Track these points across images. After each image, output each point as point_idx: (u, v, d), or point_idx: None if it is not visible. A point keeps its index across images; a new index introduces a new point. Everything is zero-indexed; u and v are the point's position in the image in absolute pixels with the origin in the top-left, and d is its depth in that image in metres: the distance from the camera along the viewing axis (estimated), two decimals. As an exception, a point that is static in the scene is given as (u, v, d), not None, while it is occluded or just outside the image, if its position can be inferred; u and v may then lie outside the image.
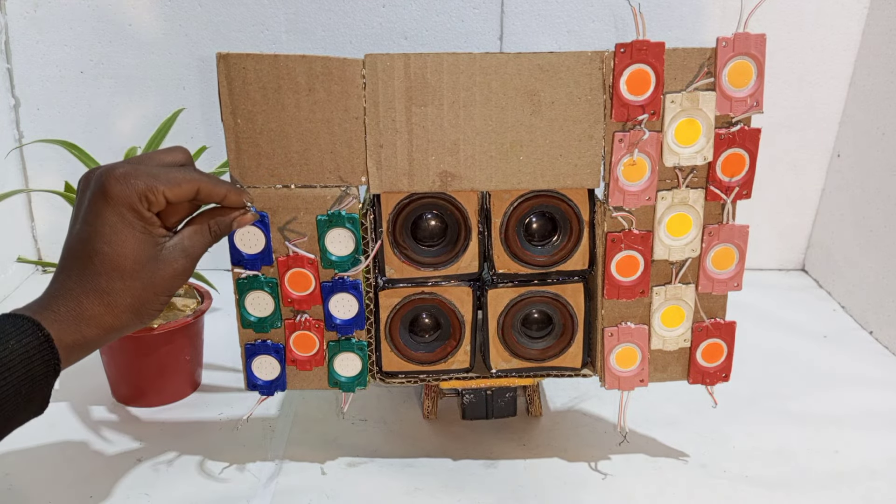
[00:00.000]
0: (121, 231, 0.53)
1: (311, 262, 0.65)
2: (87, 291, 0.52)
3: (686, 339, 0.70)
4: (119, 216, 0.53)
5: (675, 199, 0.65)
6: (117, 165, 0.54)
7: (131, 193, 0.53)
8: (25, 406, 0.50)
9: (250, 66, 0.60)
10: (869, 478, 0.73)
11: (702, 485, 0.71)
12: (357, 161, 0.63)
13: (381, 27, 1.07)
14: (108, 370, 0.82)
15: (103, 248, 0.52)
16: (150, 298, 0.54)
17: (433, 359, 0.71)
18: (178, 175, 0.55)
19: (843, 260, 1.12)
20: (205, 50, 1.07)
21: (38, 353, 0.49)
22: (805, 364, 0.95)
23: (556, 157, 0.63)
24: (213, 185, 0.58)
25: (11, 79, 1.08)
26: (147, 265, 0.54)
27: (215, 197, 0.58)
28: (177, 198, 0.55)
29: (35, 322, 0.49)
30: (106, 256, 0.52)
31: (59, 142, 0.79)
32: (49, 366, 0.50)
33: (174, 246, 0.56)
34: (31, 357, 0.49)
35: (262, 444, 0.76)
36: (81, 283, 0.52)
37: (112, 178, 0.53)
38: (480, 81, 0.61)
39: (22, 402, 0.49)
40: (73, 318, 0.51)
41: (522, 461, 0.74)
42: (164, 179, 0.54)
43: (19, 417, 0.50)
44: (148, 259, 0.54)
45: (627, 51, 0.61)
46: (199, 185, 0.56)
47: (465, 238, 0.67)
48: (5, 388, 0.47)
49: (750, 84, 0.63)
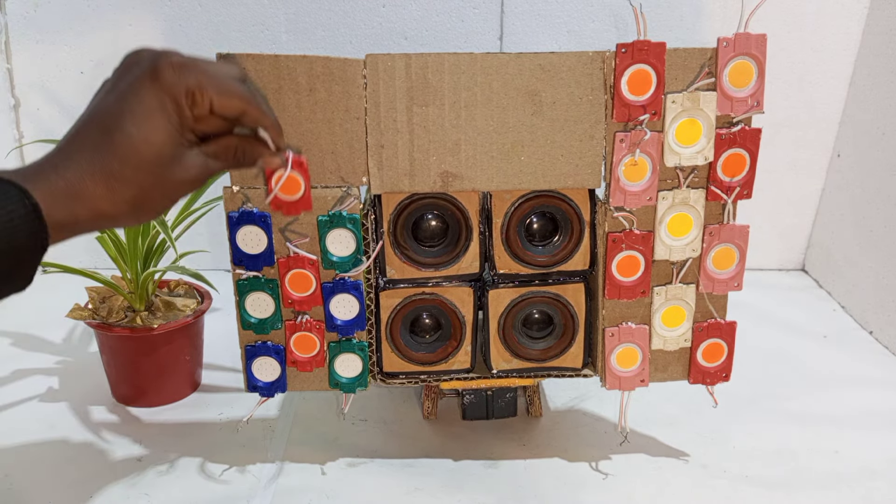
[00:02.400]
0: (155, 118, 0.48)
1: (311, 263, 0.65)
2: (95, 170, 0.47)
3: (686, 339, 0.70)
4: (159, 102, 0.48)
5: (675, 199, 0.65)
6: (174, 53, 0.49)
7: (180, 84, 0.48)
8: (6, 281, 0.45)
9: (251, 66, 0.59)
10: (869, 478, 0.73)
11: (702, 485, 0.71)
12: (358, 161, 0.63)
13: (381, 27, 1.07)
14: (108, 370, 0.82)
15: (131, 128, 0.47)
16: (155, 198, 0.50)
17: (434, 359, 0.71)
18: (232, 86, 0.51)
19: (843, 260, 1.12)
20: (205, 50, 1.07)
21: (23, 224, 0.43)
22: (805, 364, 0.95)
23: (558, 157, 0.63)
24: (261, 113, 0.53)
25: (11, 79, 1.08)
26: (165, 162, 0.49)
27: (258, 124, 0.54)
28: (222, 109, 0.51)
29: (23, 189, 0.44)
30: (130, 138, 0.47)
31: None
32: (36, 239, 0.44)
33: (195, 154, 0.51)
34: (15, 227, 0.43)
35: (262, 445, 0.76)
36: (91, 158, 0.47)
37: (167, 63, 0.48)
38: (482, 81, 0.61)
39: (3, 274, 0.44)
40: (68, 195, 0.46)
41: (522, 461, 0.74)
42: (217, 85, 0.50)
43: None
44: (168, 157, 0.49)
45: (629, 51, 0.61)
46: (248, 107, 0.52)
47: (465, 238, 0.67)
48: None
49: (751, 84, 0.63)
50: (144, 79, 0.48)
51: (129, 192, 0.48)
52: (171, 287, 0.87)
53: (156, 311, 0.81)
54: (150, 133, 0.48)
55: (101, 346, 0.81)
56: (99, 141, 0.47)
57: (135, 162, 0.48)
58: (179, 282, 0.87)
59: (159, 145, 0.48)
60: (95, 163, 0.47)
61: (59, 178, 0.46)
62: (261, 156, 0.54)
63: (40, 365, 0.90)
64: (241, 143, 0.54)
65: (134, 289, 0.79)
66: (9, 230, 0.43)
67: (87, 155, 0.47)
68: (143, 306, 0.80)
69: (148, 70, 0.48)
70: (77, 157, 0.47)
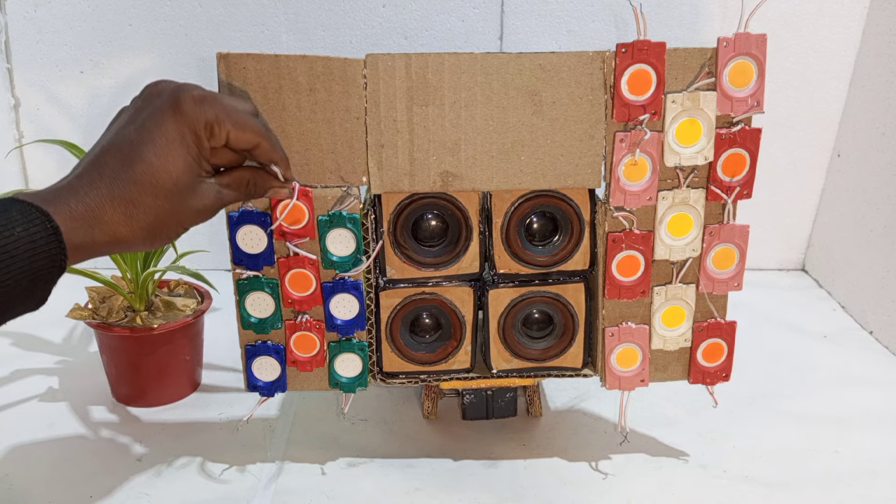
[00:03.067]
0: (175, 149, 0.51)
1: (311, 263, 0.65)
2: (115, 196, 0.49)
3: (686, 339, 0.70)
4: (179, 134, 0.51)
5: (675, 199, 0.65)
6: (194, 87, 0.53)
7: (200, 117, 0.51)
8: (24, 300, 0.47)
9: (251, 65, 0.60)
10: (869, 478, 0.73)
11: (702, 485, 0.71)
12: (358, 161, 0.63)
13: (381, 27, 1.07)
14: (108, 370, 0.82)
15: (151, 158, 0.50)
16: (171, 225, 0.52)
17: (434, 359, 0.71)
18: (247, 121, 0.54)
19: (843, 260, 1.12)
20: (205, 50, 1.07)
21: (44, 246, 0.45)
22: (805, 364, 0.95)
23: (558, 156, 0.63)
24: (272, 147, 0.57)
25: (11, 79, 1.08)
26: (182, 191, 0.51)
27: (269, 158, 0.57)
28: (237, 142, 0.54)
29: (45, 212, 0.46)
30: (150, 167, 0.50)
31: (59, 142, 0.79)
32: (55, 261, 0.46)
33: (210, 185, 0.54)
34: (37, 249, 0.45)
35: (262, 445, 0.76)
36: (112, 186, 0.49)
37: (188, 96, 0.51)
38: (482, 81, 0.61)
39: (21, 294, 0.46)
40: (88, 219, 0.48)
41: (522, 461, 0.74)
42: (234, 119, 0.53)
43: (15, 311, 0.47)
44: (185, 186, 0.52)
45: (629, 51, 0.61)
46: (261, 141, 0.55)
47: (465, 238, 0.67)
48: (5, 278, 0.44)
49: (751, 84, 0.63)
50: (166, 110, 0.51)
51: (146, 218, 0.50)
52: (171, 287, 0.87)
53: (156, 311, 0.81)
54: (170, 163, 0.50)
55: (101, 346, 0.81)
56: (119, 169, 0.49)
57: (153, 190, 0.50)
58: (179, 282, 0.87)
59: (178, 175, 0.51)
60: (115, 190, 0.49)
61: (80, 203, 0.48)
62: (270, 187, 0.58)
63: (40, 365, 0.90)
64: (253, 175, 0.57)
65: (134, 289, 0.79)
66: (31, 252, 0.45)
67: (107, 182, 0.49)
68: (143, 306, 0.80)
69: (169, 102, 0.51)
70: (97, 183, 0.49)
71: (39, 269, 0.46)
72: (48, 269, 0.46)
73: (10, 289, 0.45)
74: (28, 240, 0.45)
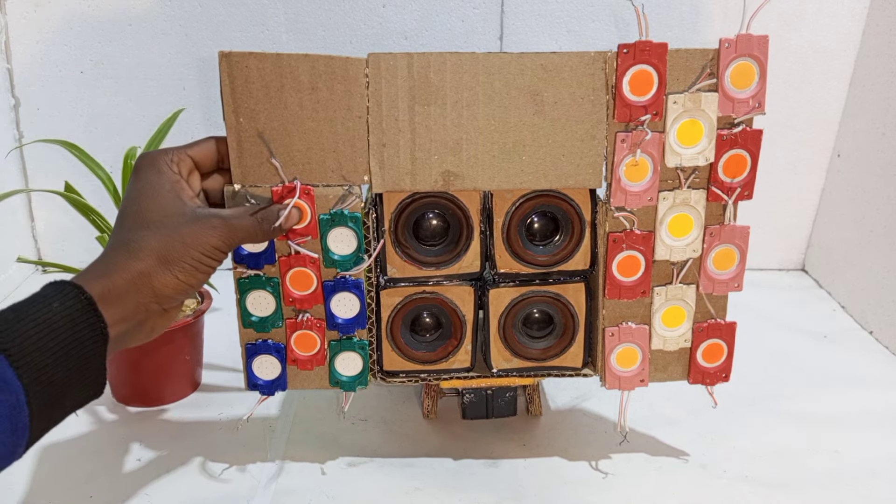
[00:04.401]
0: (147, 190, 0.56)
1: (312, 262, 0.65)
2: (114, 245, 0.54)
3: (686, 340, 0.70)
4: (146, 181, 0.56)
5: (676, 200, 0.65)
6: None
7: (158, 157, 0.57)
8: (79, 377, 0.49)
9: (253, 64, 0.59)
10: (869, 478, 0.73)
11: (702, 485, 0.71)
12: (360, 160, 0.63)
13: (381, 27, 1.07)
14: (109, 370, 0.81)
15: (132, 207, 0.55)
16: (178, 248, 0.54)
17: (434, 358, 0.71)
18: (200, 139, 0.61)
19: (843, 260, 1.13)
20: (205, 50, 1.07)
21: (82, 315, 0.48)
22: (805, 364, 0.95)
23: (559, 156, 0.63)
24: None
25: (11, 79, 1.07)
26: (174, 217, 0.55)
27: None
28: (198, 154, 0.60)
29: (76, 286, 0.49)
30: (132, 213, 0.55)
31: (59, 142, 0.79)
32: (95, 329, 0.49)
33: (210, 210, 0.57)
34: (76, 318, 0.48)
35: (262, 445, 0.76)
36: (111, 242, 0.54)
37: (143, 154, 0.58)
38: (483, 81, 0.61)
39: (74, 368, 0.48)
40: (102, 271, 0.52)
41: (523, 461, 0.74)
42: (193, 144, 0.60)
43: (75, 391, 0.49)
44: (174, 212, 0.55)
45: (630, 51, 0.61)
46: (217, 140, 0.61)
47: (466, 237, 0.67)
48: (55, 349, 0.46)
49: (752, 85, 0.63)
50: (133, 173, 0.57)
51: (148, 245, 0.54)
52: (171, 286, 0.86)
53: (156, 310, 0.81)
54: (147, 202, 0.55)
55: (102, 346, 0.80)
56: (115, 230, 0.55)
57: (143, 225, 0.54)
58: (180, 281, 0.87)
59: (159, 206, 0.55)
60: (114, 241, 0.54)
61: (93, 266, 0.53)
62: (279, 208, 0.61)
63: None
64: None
65: (134, 288, 0.79)
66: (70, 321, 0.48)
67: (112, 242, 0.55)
68: (143, 306, 0.80)
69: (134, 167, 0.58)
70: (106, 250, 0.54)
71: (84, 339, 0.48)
72: (92, 338, 0.49)
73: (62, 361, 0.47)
74: (65, 312, 0.48)
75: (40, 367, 0.46)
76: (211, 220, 0.56)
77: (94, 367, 0.50)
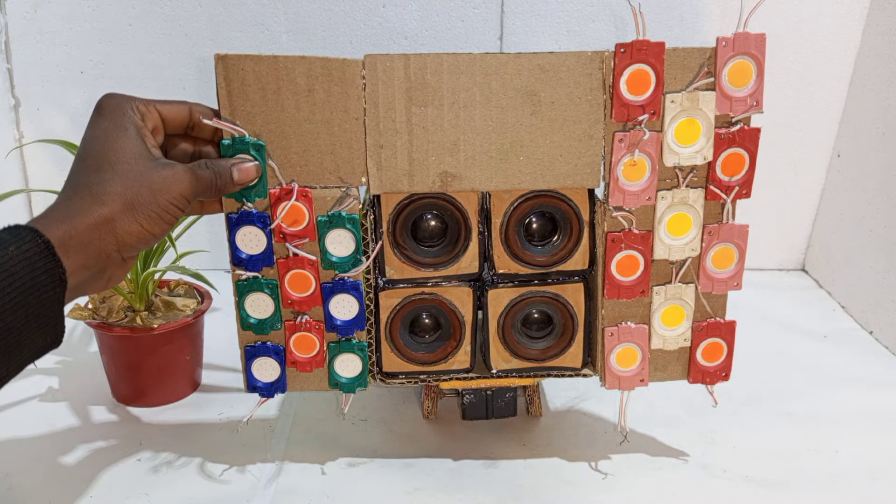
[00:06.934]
0: (111, 131, 0.53)
1: (311, 264, 0.65)
2: (76, 188, 0.51)
3: (686, 339, 0.70)
4: (111, 121, 0.54)
5: (675, 199, 0.65)
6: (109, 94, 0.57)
7: (123, 102, 0.55)
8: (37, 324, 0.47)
9: (249, 67, 0.60)
10: (869, 478, 0.73)
11: (702, 485, 0.71)
12: (357, 162, 0.63)
13: (381, 27, 1.07)
14: (108, 370, 0.82)
15: (93, 147, 0.53)
16: (145, 194, 0.53)
17: (433, 359, 0.71)
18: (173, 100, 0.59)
19: (843, 260, 1.12)
20: (205, 50, 1.07)
21: (40, 259, 0.47)
22: (805, 364, 0.94)
23: (557, 157, 0.63)
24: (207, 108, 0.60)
25: (11, 79, 1.08)
26: (140, 161, 0.53)
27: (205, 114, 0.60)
28: (169, 113, 0.58)
29: (33, 229, 0.48)
30: (95, 153, 0.53)
31: (59, 142, 0.79)
32: (53, 275, 0.47)
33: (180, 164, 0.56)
34: (34, 263, 0.46)
35: (262, 445, 0.76)
36: (71, 183, 0.52)
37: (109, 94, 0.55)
38: (480, 82, 0.61)
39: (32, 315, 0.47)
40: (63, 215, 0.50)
41: (522, 461, 0.74)
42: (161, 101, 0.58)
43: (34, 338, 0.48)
44: (139, 156, 0.53)
45: (627, 51, 0.61)
46: (191, 106, 0.59)
47: (465, 238, 0.67)
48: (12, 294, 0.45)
49: (750, 84, 0.63)
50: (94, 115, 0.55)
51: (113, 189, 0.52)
52: (171, 287, 0.87)
53: (156, 311, 0.81)
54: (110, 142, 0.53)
55: (101, 346, 0.81)
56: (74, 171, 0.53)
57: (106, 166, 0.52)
58: (179, 282, 0.87)
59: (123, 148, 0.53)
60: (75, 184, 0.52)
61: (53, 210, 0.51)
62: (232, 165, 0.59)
63: (40, 365, 0.90)
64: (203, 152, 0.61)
65: (134, 288, 0.79)
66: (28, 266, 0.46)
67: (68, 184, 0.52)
68: (143, 306, 0.80)
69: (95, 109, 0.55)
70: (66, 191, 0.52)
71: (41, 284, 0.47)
72: (49, 284, 0.47)
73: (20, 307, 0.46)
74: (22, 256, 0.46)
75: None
76: (177, 167, 0.55)
77: (52, 314, 0.49)
